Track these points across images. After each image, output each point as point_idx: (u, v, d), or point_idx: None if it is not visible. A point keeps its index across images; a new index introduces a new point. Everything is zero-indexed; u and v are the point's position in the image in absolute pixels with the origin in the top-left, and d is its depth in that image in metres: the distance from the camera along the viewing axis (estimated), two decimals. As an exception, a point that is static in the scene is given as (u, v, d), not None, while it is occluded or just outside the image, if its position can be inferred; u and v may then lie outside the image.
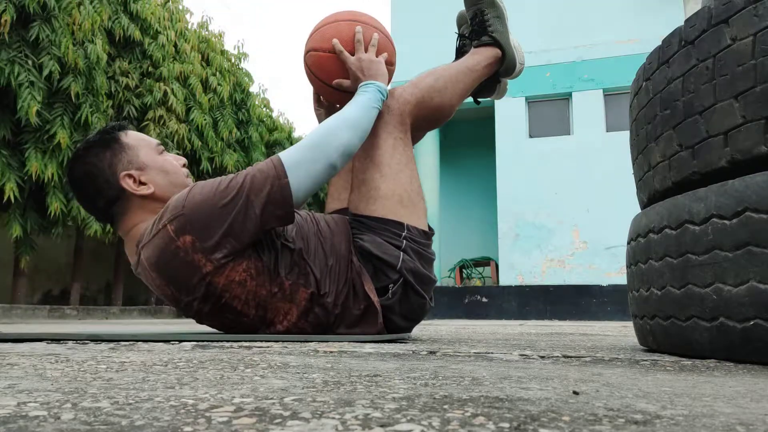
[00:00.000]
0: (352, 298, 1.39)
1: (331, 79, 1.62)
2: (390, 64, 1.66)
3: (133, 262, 1.37)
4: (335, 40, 1.58)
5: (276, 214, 1.29)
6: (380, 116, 1.55)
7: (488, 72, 1.79)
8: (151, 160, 1.39)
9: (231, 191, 1.27)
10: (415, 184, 1.54)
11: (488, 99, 1.98)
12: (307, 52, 1.65)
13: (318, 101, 1.78)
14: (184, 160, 1.48)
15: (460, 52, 1.87)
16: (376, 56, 1.59)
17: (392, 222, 1.46)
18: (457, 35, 1.90)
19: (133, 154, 1.38)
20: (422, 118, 1.63)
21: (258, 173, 1.29)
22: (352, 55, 1.58)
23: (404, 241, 1.44)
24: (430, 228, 1.56)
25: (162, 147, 1.45)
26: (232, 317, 1.33)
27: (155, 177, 1.38)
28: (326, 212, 1.76)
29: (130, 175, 1.36)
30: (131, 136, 1.41)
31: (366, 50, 1.58)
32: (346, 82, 1.59)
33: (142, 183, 1.36)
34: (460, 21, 1.91)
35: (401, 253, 1.42)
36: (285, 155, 1.33)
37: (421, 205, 1.54)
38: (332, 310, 1.37)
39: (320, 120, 1.78)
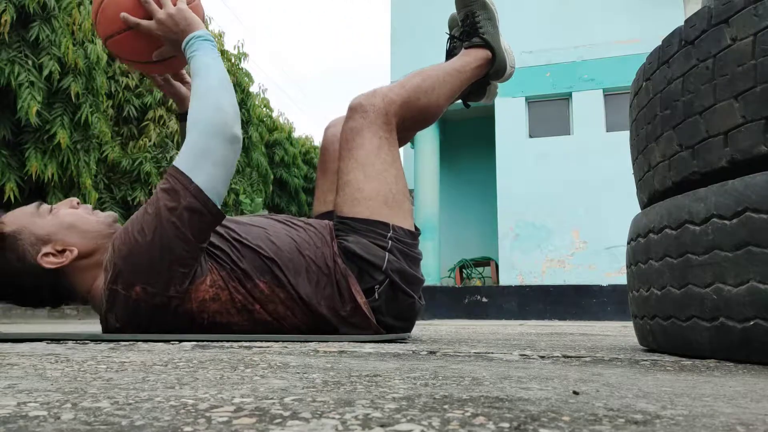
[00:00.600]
0: (338, 299, 1.38)
1: (149, 54, 1.45)
2: (191, 1, 1.48)
3: (102, 325, 1.33)
4: (123, 14, 1.39)
5: (204, 221, 1.25)
6: (365, 115, 1.52)
7: (478, 74, 1.77)
8: (48, 226, 1.31)
9: (150, 226, 1.22)
10: (400, 184, 1.52)
11: (479, 103, 1.97)
12: (104, 42, 1.46)
13: (154, 80, 1.65)
14: (74, 200, 1.40)
15: (450, 54, 1.86)
16: (173, 4, 1.42)
17: (377, 223, 1.44)
18: (447, 37, 1.90)
19: (28, 234, 1.29)
20: (408, 119, 1.61)
21: (164, 194, 1.24)
22: (150, 19, 1.40)
23: (390, 241, 1.43)
24: (416, 228, 1.54)
25: (45, 205, 1.35)
26: (223, 330, 1.33)
27: (67, 237, 1.30)
28: (313, 215, 1.75)
29: (45, 254, 1.28)
30: (9, 222, 1.31)
31: (160, 5, 1.40)
32: (165, 50, 1.45)
33: (61, 252, 1.29)
34: (452, 23, 1.91)
35: (387, 253, 1.40)
36: (179, 161, 1.27)
37: (406, 205, 1.52)
38: (318, 308, 1.36)
39: (170, 97, 1.69)
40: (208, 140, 1.28)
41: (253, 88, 8.91)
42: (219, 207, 1.28)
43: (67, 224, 1.32)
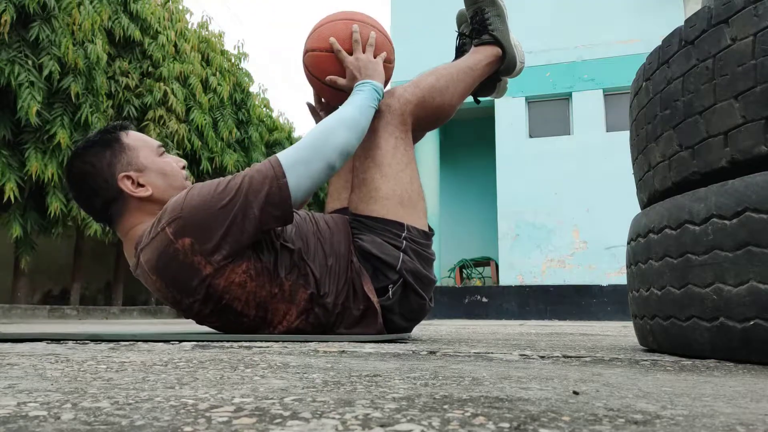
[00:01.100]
0: (352, 298, 1.39)
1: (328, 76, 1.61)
2: (388, 62, 1.65)
3: (132, 264, 1.37)
4: (332, 39, 1.57)
5: (275, 214, 1.28)
6: (381, 116, 1.54)
7: (489, 71, 1.79)
8: (150, 162, 1.39)
9: (229, 193, 1.26)
10: (415, 184, 1.54)
11: (488, 98, 1.97)
12: (305, 53, 1.64)
13: (319, 102, 1.77)
14: (184, 162, 1.47)
15: (460, 51, 1.86)
16: (375, 56, 1.59)
17: (392, 222, 1.45)
18: (457, 34, 1.90)
19: (133, 155, 1.37)
20: (423, 118, 1.63)
21: (256, 174, 1.29)
22: (350, 54, 1.57)
23: (404, 241, 1.44)
24: (430, 228, 1.55)
25: (163, 149, 1.44)
26: (233, 318, 1.33)
27: (154, 179, 1.37)
28: (326, 212, 1.76)
29: (128, 177, 1.35)
30: (132, 137, 1.40)
31: (363, 50, 1.58)
32: (341, 81, 1.58)
33: (140, 185, 1.36)
34: (460, 20, 1.91)
35: (401, 253, 1.42)
36: (283, 155, 1.33)
37: (421, 205, 1.54)
38: (332, 311, 1.37)
39: (314, 116, 1.77)
40: (315, 154, 1.34)
41: (253, 88, 8.91)
42: (293, 210, 1.32)
43: (163, 171, 1.40)
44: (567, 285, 7.75)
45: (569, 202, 8.23)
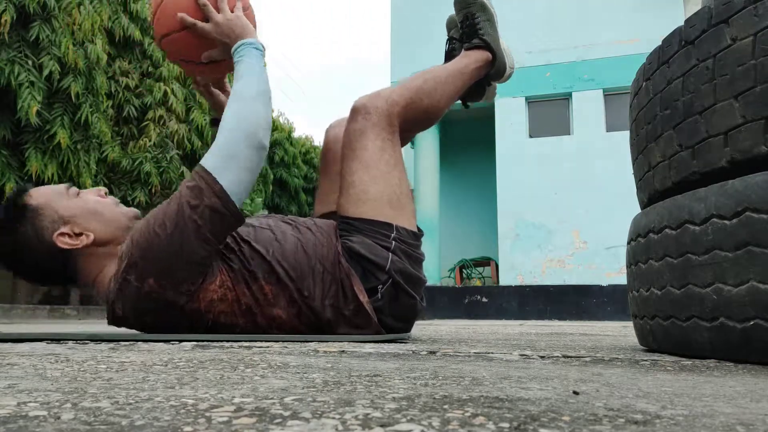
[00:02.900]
0: (342, 299, 1.38)
1: (199, 55, 1.48)
2: (246, 8, 1.51)
3: (108, 313, 1.33)
4: (181, 14, 1.42)
5: (225, 222, 1.27)
6: (369, 117, 1.52)
7: (478, 75, 1.78)
8: (72, 208, 1.32)
9: (170, 221, 1.23)
10: (404, 185, 1.52)
11: (477, 102, 1.97)
12: (159, 40, 1.49)
13: (196, 82, 1.67)
14: (103, 190, 1.42)
15: (450, 56, 1.86)
16: (231, 10, 1.45)
17: (381, 223, 1.44)
18: (447, 38, 1.90)
19: (51, 212, 1.30)
20: (411, 120, 1.61)
21: (189, 191, 1.25)
22: (206, 22, 1.43)
23: (393, 242, 1.43)
24: (419, 229, 1.55)
25: (74, 188, 1.37)
26: (225, 331, 1.33)
27: (87, 222, 1.32)
28: (314, 215, 1.75)
29: (62, 234, 1.29)
30: (37, 196, 1.33)
31: (218, 10, 1.44)
32: (215, 53, 1.47)
33: (78, 234, 1.30)
34: (450, 24, 1.91)
35: (390, 254, 1.41)
36: (207, 160, 1.28)
37: (410, 206, 1.53)
38: (321, 312, 1.36)
39: (208, 102, 1.71)
40: (237, 144, 1.29)
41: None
42: (240, 209, 1.30)
43: (90, 210, 1.34)
44: (567, 285, 7.75)
45: (569, 202, 8.23)
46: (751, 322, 0.87)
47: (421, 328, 2.71)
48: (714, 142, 0.99)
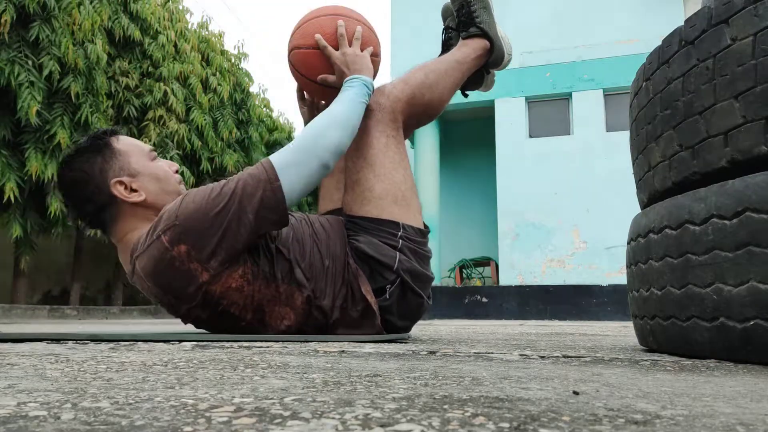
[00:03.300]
0: (350, 299, 1.38)
1: (316, 75, 1.59)
2: (375, 56, 1.63)
3: (128, 270, 1.36)
4: (318, 36, 1.55)
5: (270, 218, 1.28)
6: (372, 114, 1.53)
7: (477, 64, 1.77)
8: (142, 167, 1.37)
9: (223, 198, 1.25)
10: (408, 182, 1.53)
11: (480, 92, 1.96)
12: (290, 51, 1.62)
13: (302, 99, 1.75)
14: (176, 166, 1.46)
15: (446, 45, 1.85)
16: (361, 50, 1.56)
17: (387, 222, 1.45)
18: (443, 28, 1.89)
19: (125, 161, 1.36)
20: (414, 115, 1.62)
21: (249, 178, 1.27)
22: (336, 50, 1.55)
23: (400, 240, 1.43)
24: (425, 225, 1.55)
25: (155, 153, 1.43)
26: (231, 323, 1.33)
27: (147, 184, 1.36)
28: (319, 213, 1.75)
29: (121, 182, 1.34)
30: (123, 142, 1.39)
31: (350, 44, 1.55)
32: (331, 78, 1.56)
33: (133, 190, 1.34)
34: (446, 14, 1.90)
35: (398, 253, 1.41)
36: (276, 158, 1.32)
37: (415, 202, 1.53)
38: (330, 313, 1.37)
39: (305, 118, 1.76)
40: (308, 154, 1.33)
41: (253, 88, 8.91)
42: (288, 213, 1.31)
43: (156, 175, 1.38)
44: (567, 285, 7.75)
45: (569, 202, 8.23)
46: (751, 322, 0.87)
47: (421, 328, 2.71)
48: (714, 142, 0.99)
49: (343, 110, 1.42)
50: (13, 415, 0.43)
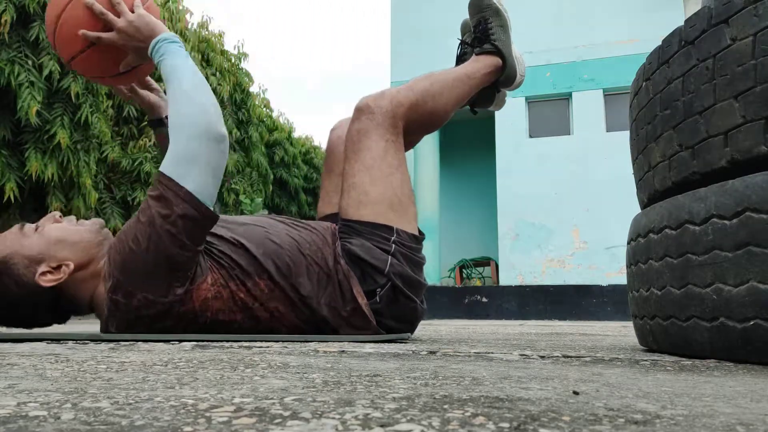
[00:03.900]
0: (340, 299, 1.38)
1: (115, 66, 1.42)
2: (145, 1, 1.42)
3: (107, 331, 1.32)
4: (82, 31, 1.34)
5: (199, 225, 1.25)
6: (372, 117, 1.51)
7: (487, 80, 1.76)
8: (36, 246, 1.28)
9: (143, 236, 1.21)
10: (405, 187, 1.51)
11: (486, 110, 1.96)
12: (69, 64, 1.42)
13: (125, 93, 1.62)
14: (56, 214, 1.39)
15: (461, 60, 1.85)
16: (131, 11, 1.37)
17: (381, 226, 1.44)
18: (459, 42, 1.89)
19: (20, 258, 1.27)
20: (415, 122, 1.59)
21: (156, 203, 1.23)
22: (110, 30, 1.36)
23: (393, 245, 1.42)
24: (420, 232, 1.54)
25: (25, 224, 1.33)
26: (225, 328, 1.33)
27: (59, 252, 1.29)
28: (318, 217, 1.75)
29: (42, 273, 1.26)
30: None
31: (117, 16, 1.35)
32: (131, 59, 1.41)
33: (56, 268, 1.28)
34: (464, 29, 1.89)
35: (389, 257, 1.40)
36: (166, 167, 1.25)
37: (411, 209, 1.52)
38: (318, 308, 1.36)
39: (148, 107, 1.65)
40: (194, 143, 1.25)
41: (253, 88, 8.91)
42: (212, 209, 1.27)
43: (55, 239, 1.30)
44: (567, 285, 7.75)
45: (569, 202, 8.22)
46: (751, 322, 0.87)
47: (421, 328, 2.71)
48: (714, 142, 0.99)
49: (181, 81, 1.32)
50: (13, 415, 0.43)
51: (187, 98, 1.30)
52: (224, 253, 1.33)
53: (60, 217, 1.38)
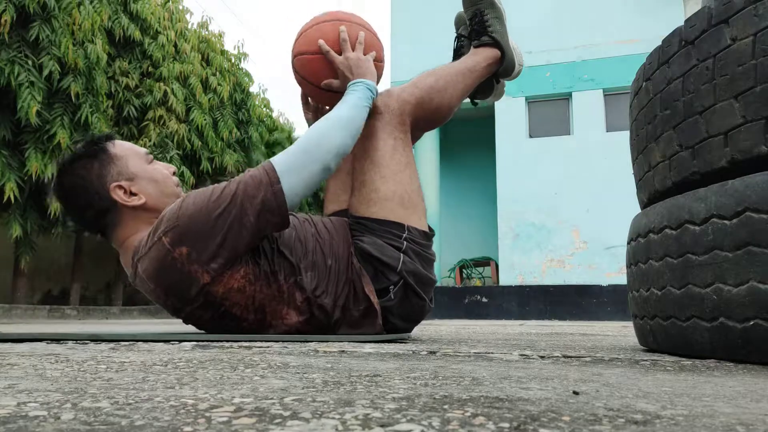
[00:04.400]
0: (352, 299, 1.39)
1: (320, 80, 1.60)
2: (378, 60, 1.64)
3: (130, 273, 1.36)
4: (321, 41, 1.56)
5: (271, 220, 1.28)
6: (380, 116, 1.54)
7: (488, 72, 1.79)
8: (140, 170, 1.37)
9: (224, 200, 1.25)
10: (415, 184, 1.53)
11: (486, 100, 1.98)
12: (294, 57, 1.64)
13: (307, 104, 1.77)
14: (173, 168, 1.47)
15: (458, 53, 1.87)
16: (364, 54, 1.58)
17: (392, 223, 1.45)
18: (455, 36, 1.90)
19: (123, 165, 1.36)
20: (422, 118, 1.62)
21: (250, 180, 1.28)
22: (340, 55, 1.56)
23: (405, 242, 1.44)
24: (430, 228, 1.55)
25: (151, 156, 1.44)
26: (233, 324, 1.33)
27: (146, 187, 1.36)
28: (325, 214, 1.76)
29: (120, 186, 1.34)
30: (119, 146, 1.39)
31: (353, 49, 1.56)
32: (335, 83, 1.58)
33: (132, 194, 1.35)
34: (459, 22, 1.91)
35: (401, 254, 1.42)
36: (277, 160, 1.32)
37: (421, 205, 1.54)
38: (331, 312, 1.37)
39: (309, 124, 1.76)
40: (310, 157, 1.33)
41: (253, 88, 8.91)
42: (289, 216, 1.31)
43: (154, 178, 1.39)
44: (567, 285, 7.75)
45: (569, 202, 8.22)
46: (751, 322, 0.87)
47: (421, 328, 2.71)
48: (714, 142, 0.99)
49: (346, 113, 1.43)
50: (13, 415, 0.43)
51: (335, 123, 1.40)
52: (263, 252, 1.34)
53: (174, 172, 1.46)
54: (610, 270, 7.86)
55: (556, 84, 8.75)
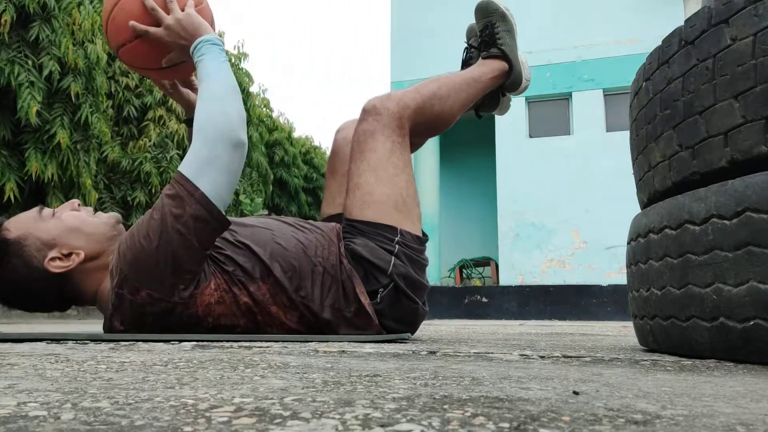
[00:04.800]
0: (343, 299, 1.38)
1: (159, 62, 1.46)
2: (198, 4, 1.47)
3: (106, 327, 1.33)
4: (132, 23, 1.39)
5: (209, 228, 1.26)
6: (378, 118, 1.52)
7: (493, 84, 1.76)
8: (52, 230, 1.31)
9: (154, 233, 1.22)
10: (411, 188, 1.52)
11: (490, 114, 1.97)
12: (116, 51, 1.47)
13: (165, 88, 1.64)
14: (77, 202, 1.40)
15: (467, 64, 1.85)
16: (180, 8, 1.42)
17: (386, 227, 1.44)
18: (465, 46, 1.89)
19: (33, 240, 1.29)
20: (422, 124, 1.60)
21: (170, 202, 1.23)
22: (158, 26, 1.40)
23: (397, 245, 1.42)
24: (424, 234, 1.54)
25: (44, 208, 1.36)
26: (227, 332, 1.33)
27: (71, 241, 1.30)
28: (321, 218, 1.75)
29: (52, 258, 1.28)
30: (13, 228, 1.31)
31: (167, 12, 1.40)
32: (174, 56, 1.45)
33: (67, 255, 1.29)
34: (470, 33, 1.90)
35: (393, 258, 1.40)
36: (184, 167, 1.26)
37: (416, 210, 1.52)
38: (319, 311, 1.36)
39: (183, 104, 1.67)
40: (214, 146, 1.27)
41: (253, 88, 8.91)
42: (224, 213, 1.29)
43: (70, 227, 1.32)
44: (567, 285, 7.75)
45: (569, 202, 8.23)
46: (751, 322, 0.87)
47: (421, 328, 2.71)
48: (714, 142, 0.99)
49: (214, 83, 1.34)
50: (13, 415, 0.43)
51: (213, 101, 1.32)
52: (228, 257, 1.33)
53: (78, 205, 1.39)
54: (610, 270, 7.86)
55: (556, 84, 8.75)
